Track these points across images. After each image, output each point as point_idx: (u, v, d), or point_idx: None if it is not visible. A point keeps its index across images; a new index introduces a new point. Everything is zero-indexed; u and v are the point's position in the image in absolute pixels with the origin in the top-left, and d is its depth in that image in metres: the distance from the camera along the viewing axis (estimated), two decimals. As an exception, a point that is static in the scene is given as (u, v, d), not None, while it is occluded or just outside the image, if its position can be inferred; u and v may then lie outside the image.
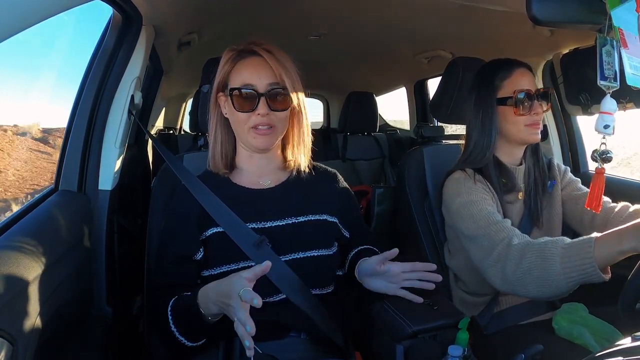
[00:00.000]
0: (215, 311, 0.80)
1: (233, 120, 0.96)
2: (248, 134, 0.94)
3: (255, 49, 0.94)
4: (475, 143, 1.15)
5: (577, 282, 0.85)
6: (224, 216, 0.93)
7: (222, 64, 0.96)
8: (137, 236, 1.49)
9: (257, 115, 0.92)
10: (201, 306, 0.81)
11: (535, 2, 0.75)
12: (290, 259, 0.94)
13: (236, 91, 0.92)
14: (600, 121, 0.81)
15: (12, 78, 1.41)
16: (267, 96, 0.92)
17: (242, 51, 0.95)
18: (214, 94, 0.98)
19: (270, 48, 0.94)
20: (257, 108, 0.91)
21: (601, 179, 0.87)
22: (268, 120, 0.92)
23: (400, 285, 0.93)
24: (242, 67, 0.94)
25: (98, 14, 1.23)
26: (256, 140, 0.94)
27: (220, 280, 0.81)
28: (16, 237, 0.79)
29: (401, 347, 0.92)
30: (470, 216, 1.05)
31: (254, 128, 0.93)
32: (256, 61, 0.94)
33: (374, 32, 2.01)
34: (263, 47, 0.94)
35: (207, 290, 0.82)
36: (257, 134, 0.93)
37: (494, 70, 1.15)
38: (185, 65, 2.40)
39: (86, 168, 1.13)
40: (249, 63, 0.94)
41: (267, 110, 0.92)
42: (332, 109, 4.47)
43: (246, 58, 0.95)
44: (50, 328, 0.80)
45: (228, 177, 1.01)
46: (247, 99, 0.92)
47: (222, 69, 0.96)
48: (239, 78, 0.93)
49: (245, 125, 0.93)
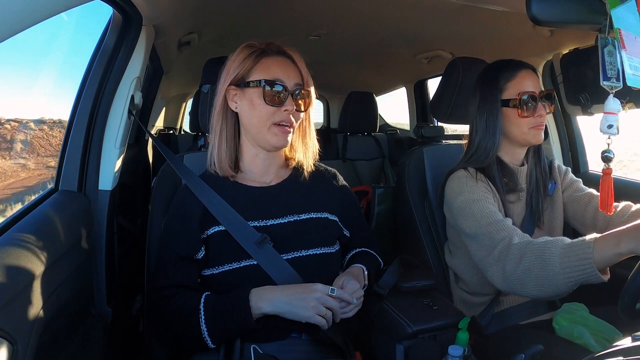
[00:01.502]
0: (268, 310, 0.84)
1: (251, 114, 0.94)
2: (269, 130, 0.94)
3: (284, 49, 0.96)
4: (479, 144, 1.15)
5: (576, 282, 0.85)
6: (226, 215, 0.94)
7: (242, 58, 0.95)
8: (137, 236, 1.50)
9: (283, 112, 0.93)
10: (252, 305, 0.84)
11: (535, 2, 0.75)
12: (292, 257, 0.94)
13: (269, 84, 0.92)
14: (604, 122, 0.81)
15: (11, 78, 1.41)
16: (293, 95, 0.93)
17: (267, 49, 0.96)
18: (223, 87, 0.97)
19: (295, 50, 0.97)
20: (284, 104, 0.92)
21: (608, 180, 0.86)
22: (291, 118, 0.94)
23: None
24: (271, 63, 0.94)
25: (98, 14, 1.23)
26: (277, 137, 0.94)
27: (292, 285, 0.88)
28: (16, 237, 0.79)
29: (401, 347, 0.92)
30: (472, 215, 1.05)
31: (277, 124, 0.93)
32: (284, 60, 0.95)
33: (374, 32, 2.01)
34: (290, 48, 0.97)
35: (267, 290, 0.86)
36: (279, 131, 0.94)
37: (498, 71, 1.15)
38: (185, 65, 2.40)
39: (86, 168, 1.13)
40: (276, 61, 0.95)
41: (293, 107, 0.93)
42: (332, 109, 4.47)
43: (272, 56, 0.95)
44: (51, 328, 0.80)
45: (229, 176, 1.01)
46: (277, 93, 0.92)
47: (242, 63, 0.95)
48: (267, 73, 0.93)
49: (269, 120, 0.93)
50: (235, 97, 0.96)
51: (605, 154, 0.84)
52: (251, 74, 0.94)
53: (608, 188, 0.87)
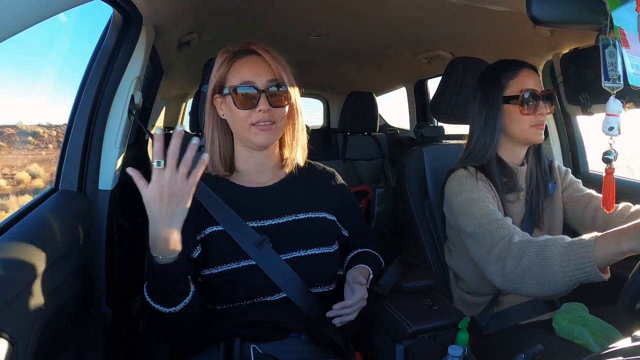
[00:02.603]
0: (157, 240, 0.75)
1: (233, 119, 0.95)
2: (249, 131, 0.94)
3: (252, 47, 0.95)
4: (478, 140, 1.15)
5: (576, 281, 0.85)
6: (225, 215, 0.93)
7: (217, 66, 0.96)
8: (137, 236, 1.49)
9: (258, 112, 0.92)
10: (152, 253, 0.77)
11: (535, 2, 0.75)
12: (291, 257, 0.94)
13: (237, 89, 0.92)
14: (605, 123, 0.81)
15: (11, 78, 1.41)
16: (267, 93, 0.92)
17: (238, 52, 0.95)
18: (209, 97, 0.98)
19: (266, 47, 0.95)
20: (258, 104, 0.92)
21: (610, 179, 0.86)
22: (269, 117, 0.93)
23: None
24: (240, 66, 0.94)
25: (98, 14, 1.23)
26: (258, 136, 0.94)
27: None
28: (16, 237, 0.79)
29: (401, 347, 0.92)
30: (472, 214, 1.06)
31: (255, 125, 0.93)
32: (254, 59, 0.94)
33: (374, 32, 2.01)
34: (259, 46, 0.95)
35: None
36: (259, 130, 0.93)
37: (500, 69, 1.15)
38: (185, 65, 2.40)
39: (86, 168, 1.13)
40: (246, 62, 0.94)
41: (268, 106, 0.92)
42: (332, 109, 4.47)
43: (243, 57, 0.95)
44: (50, 328, 0.80)
45: (225, 177, 1.01)
46: (248, 96, 0.92)
47: (218, 71, 0.96)
48: (237, 77, 0.93)
49: (246, 122, 0.93)
50: (221, 104, 0.97)
51: (605, 156, 0.84)
52: (226, 80, 0.95)
53: (610, 187, 0.87)
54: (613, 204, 0.88)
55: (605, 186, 0.88)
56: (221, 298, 0.93)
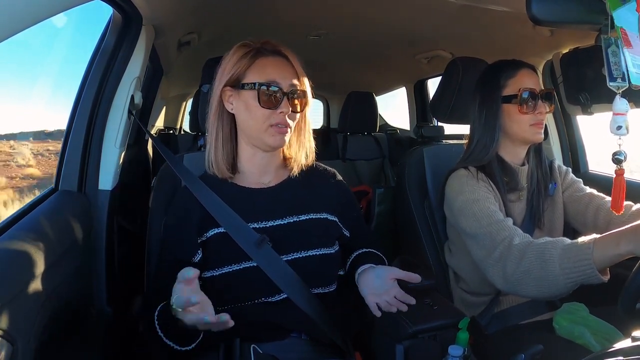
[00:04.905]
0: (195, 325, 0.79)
1: (248, 116, 0.94)
2: (266, 132, 0.93)
3: (279, 48, 0.95)
4: (478, 140, 1.15)
5: (576, 283, 0.85)
6: (225, 216, 0.93)
7: (236, 59, 0.94)
8: (137, 236, 1.49)
9: (279, 114, 0.92)
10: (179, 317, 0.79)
11: (535, 2, 0.75)
12: (292, 258, 0.94)
13: (263, 87, 0.91)
14: (613, 123, 0.80)
15: (11, 78, 1.41)
16: (289, 96, 0.92)
17: (262, 49, 0.94)
18: (218, 88, 0.96)
19: (292, 51, 0.96)
20: (280, 106, 0.91)
21: (620, 181, 0.86)
22: (288, 120, 0.93)
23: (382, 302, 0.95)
24: (266, 64, 0.93)
25: (98, 14, 1.23)
26: (274, 138, 0.93)
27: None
28: (16, 237, 0.79)
29: (401, 347, 0.92)
30: (473, 214, 1.05)
31: (274, 126, 0.92)
32: (280, 60, 0.94)
33: (374, 32, 2.01)
34: (286, 48, 0.95)
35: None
36: (277, 132, 0.93)
37: (499, 69, 1.16)
38: (185, 65, 2.40)
39: (86, 168, 1.13)
40: (272, 61, 0.94)
41: (289, 109, 0.92)
42: (332, 109, 4.47)
43: (267, 56, 0.94)
44: (50, 328, 0.80)
45: (227, 177, 1.00)
46: (272, 96, 0.91)
47: (237, 64, 0.94)
48: (262, 74, 0.92)
49: (265, 122, 0.92)
50: (230, 98, 0.95)
51: (616, 156, 0.83)
52: (246, 75, 0.93)
53: (619, 189, 0.86)
54: (622, 207, 0.88)
55: (615, 188, 0.86)
56: (222, 300, 0.92)
